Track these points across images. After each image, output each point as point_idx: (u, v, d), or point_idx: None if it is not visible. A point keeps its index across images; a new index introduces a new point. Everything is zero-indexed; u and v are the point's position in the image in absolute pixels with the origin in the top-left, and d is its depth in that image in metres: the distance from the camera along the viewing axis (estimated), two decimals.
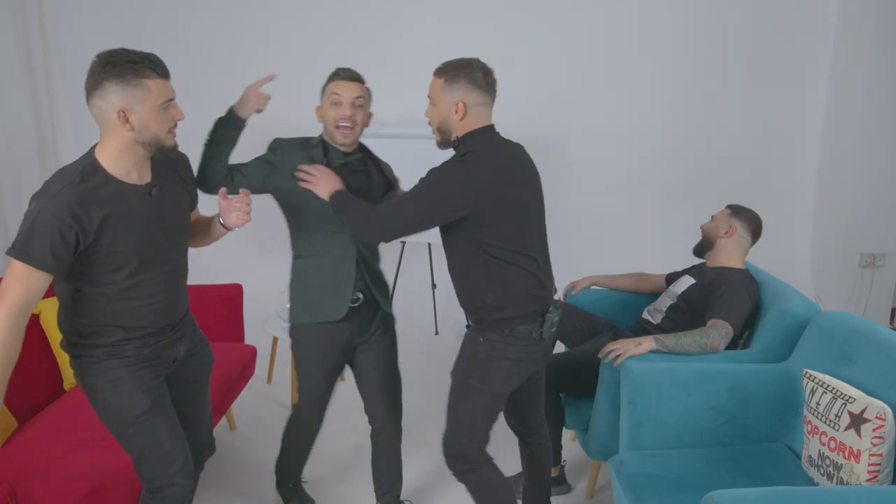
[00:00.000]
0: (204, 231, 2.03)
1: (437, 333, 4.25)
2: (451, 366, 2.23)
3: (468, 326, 2.07)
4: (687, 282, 2.58)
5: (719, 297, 2.37)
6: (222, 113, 2.17)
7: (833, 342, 2.07)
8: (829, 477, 1.85)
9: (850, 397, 1.80)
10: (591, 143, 4.45)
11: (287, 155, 2.10)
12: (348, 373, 2.39)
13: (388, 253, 4.19)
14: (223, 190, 1.91)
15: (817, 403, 1.90)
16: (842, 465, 1.80)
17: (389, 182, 2.28)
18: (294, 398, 3.30)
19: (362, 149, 2.20)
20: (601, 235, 4.49)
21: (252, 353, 3.03)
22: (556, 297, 2.06)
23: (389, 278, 3.93)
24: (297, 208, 2.13)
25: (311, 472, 2.73)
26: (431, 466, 2.84)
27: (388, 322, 2.32)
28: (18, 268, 1.56)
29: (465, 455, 2.04)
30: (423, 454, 2.92)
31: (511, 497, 2.12)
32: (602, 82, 4.37)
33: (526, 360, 1.99)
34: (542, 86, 4.36)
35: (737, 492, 1.60)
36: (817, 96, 4.34)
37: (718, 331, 2.26)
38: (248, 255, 4.52)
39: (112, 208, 1.62)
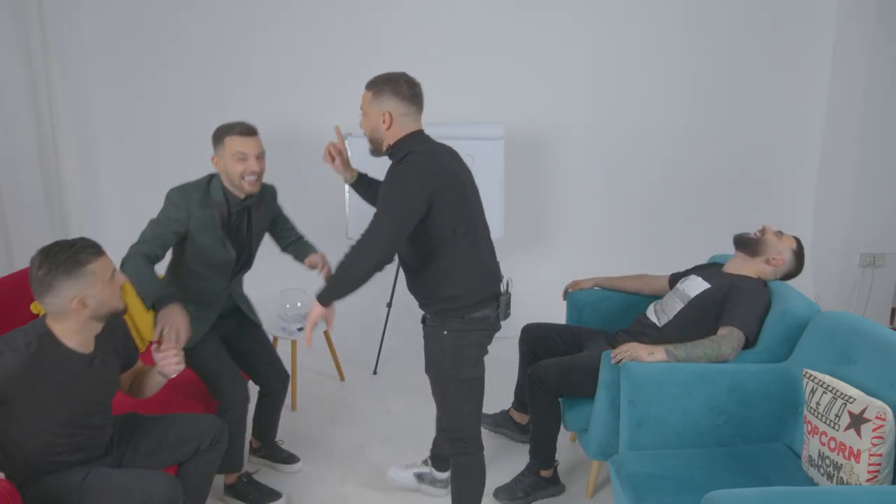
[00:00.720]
0: (145, 383, 2.10)
1: None
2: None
3: (424, 322, 2.16)
4: (700, 285, 2.51)
5: (736, 303, 2.33)
6: (221, 113, 2.25)
7: (833, 342, 2.07)
8: (829, 477, 1.85)
9: (850, 397, 1.80)
10: (590, 143, 4.45)
11: (193, 210, 2.33)
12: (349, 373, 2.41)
13: None
14: (154, 346, 2.04)
15: (817, 403, 1.90)
16: (842, 465, 1.80)
17: (270, 213, 2.65)
18: (294, 396, 3.30)
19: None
20: (601, 235, 4.49)
21: None
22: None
23: (389, 277, 3.95)
24: (198, 252, 2.38)
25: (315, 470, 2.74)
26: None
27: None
28: None
29: (462, 439, 2.16)
30: (423, 452, 2.92)
31: (482, 489, 2.25)
32: (602, 82, 4.37)
33: (488, 343, 2.15)
34: (542, 86, 4.36)
35: (737, 492, 1.60)
36: (817, 96, 4.34)
37: (731, 341, 2.24)
38: None
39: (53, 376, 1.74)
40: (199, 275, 2.42)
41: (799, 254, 2.57)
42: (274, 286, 3.74)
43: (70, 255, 1.69)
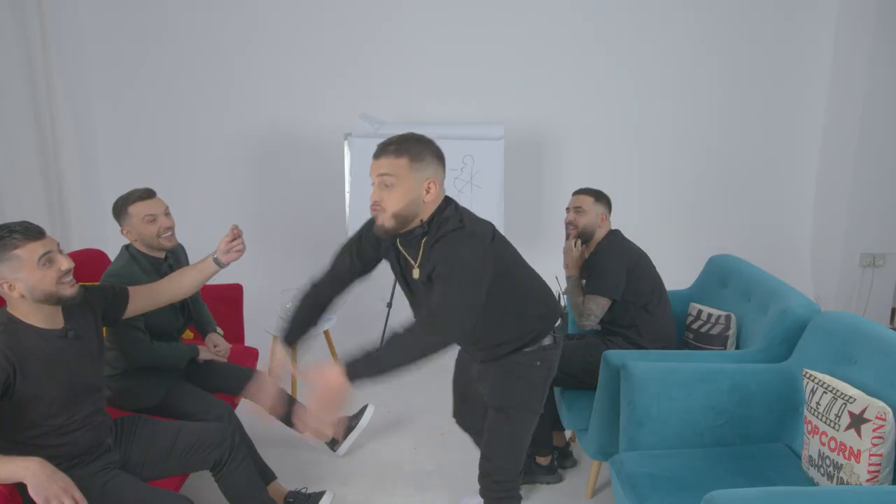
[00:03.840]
0: (196, 275, 2.26)
1: None
2: (451, 365, 2.23)
3: (498, 359, 1.96)
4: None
5: (590, 271, 2.63)
6: (221, 113, 2.21)
7: (833, 342, 2.07)
8: (829, 477, 1.85)
9: (850, 397, 1.80)
10: (590, 143, 4.45)
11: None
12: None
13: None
14: (232, 230, 2.26)
15: (817, 403, 1.90)
16: (842, 465, 1.80)
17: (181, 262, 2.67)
18: (294, 397, 3.30)
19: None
20: None
21: (255, 355, 3.04)
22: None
23: (389, 278, 3.94)
24: (155, 325, 2.43)
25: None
26: (432, 466, 2.84)
27: None
28: None
29: (512, 480, 2.04)
30: (423, 453, 2.92)
31: None
32: (602, 83, 4.37)
33: None
34: (542, 86, 4.36)
35: (737, 492, 1.59)
36: (817, 96, 4.35)
37: (590, 309, 2.54)
38: (248, 255, 4.50)
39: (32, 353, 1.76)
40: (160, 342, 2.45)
41: (596, 196, 2.73)
42: (274, 286, 3.74)
43: None
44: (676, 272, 2.94)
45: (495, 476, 2.03)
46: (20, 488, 1.73)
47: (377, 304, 4.13)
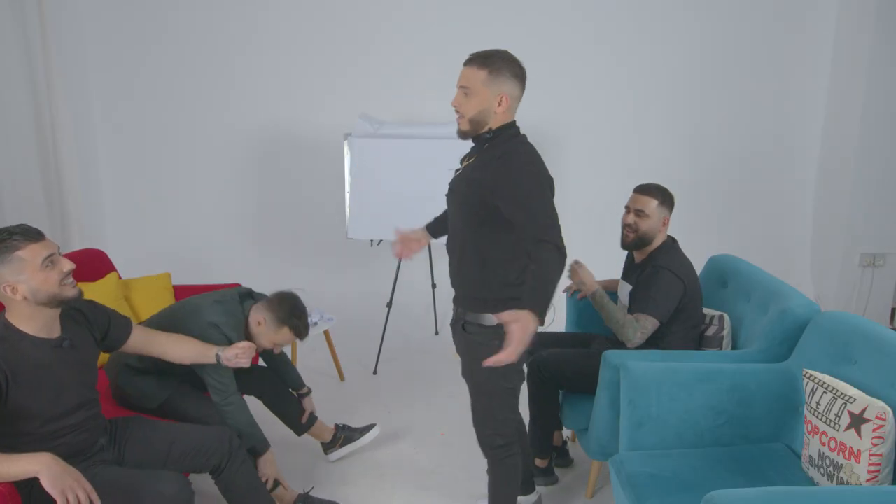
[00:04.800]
0: (193, 351, 2.20)
1: (437, 334, 4.25)
2: (451, 365, 2.23)
3: (465, 329, 2.06)
4: (626, 289, 2.61)
5: (645, 287, 2.45)
6: (221, 113, 2.20)
7: (833, 342, 2.07)
8: (829, 477, 1.85)
9: (850, 397, 1.80)
10: (589, 143, 4.45)
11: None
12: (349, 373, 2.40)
13: (388, 253, 4.20)
14: (249, 347, 2.22)
15: (817, 403, 1.90)
16: (842, 465, 1.80)
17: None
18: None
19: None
20: (600, 235, 4.49)
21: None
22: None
23: (389, 278, 3.95)
24: None
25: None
26: (432, 466, 2.84)
27: None
28: None
29: (507, 444, 2.12)
30: (423, 453, 2.92)
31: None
32: (601, 82, 4.37)
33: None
34: (541, 87, 4.34)
35: (737, 492, 1.59)
36: (817, 96, 4.34)
37: (635, 329, 2.37)
38: (248, 255, 4.52)
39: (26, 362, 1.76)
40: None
41: (662, 198, 2.53)
42: (274, 286, 3.73)
43: (0, 240, 1.71)
44: None
45: (493, 443, 2.12)
46: (20, 488, 1.74)
47: (377, 304, 4.13)
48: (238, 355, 2.17)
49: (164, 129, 4.43)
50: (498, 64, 1.92)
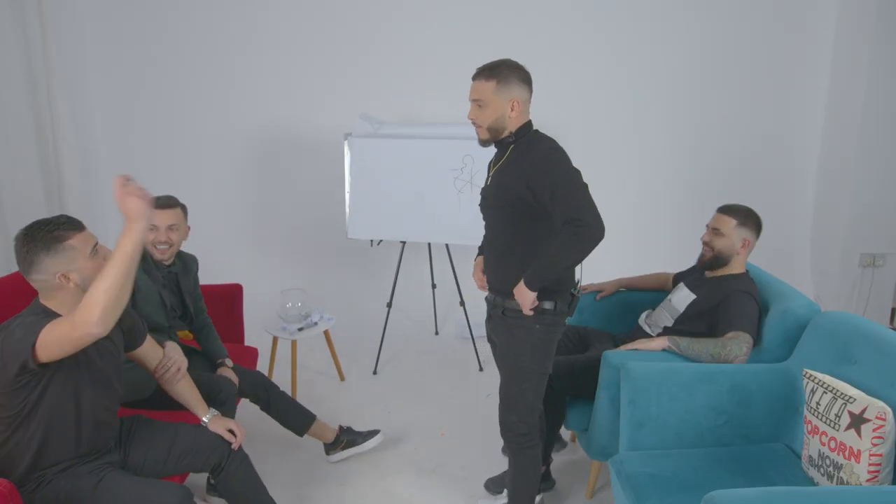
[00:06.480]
0: (182, 396, 2.17)
1: (437, 334, 4.25)
2: (451, 365, 2.23)
3: (504, 314, 2.12)
4: (687, 297, 2.52)
5: (730, 308, 2.32)
6: (221, 113, 2.22)
7: (833, 342, 2.07)
8: (829, 477, 1.85)
9: (850, 397, 1.80)
10: (589, 143, 4.45)
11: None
12: (349, 373, 2.40)
13: (388, 253, 4.21)
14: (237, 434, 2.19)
15: (817, 403, 1.90)
16: (842, 465, 1.80)
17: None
18: (294, 396, 3.30)
19: None
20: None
21: (254, 355, 3.04)
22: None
23: (389, 278, 3.95)
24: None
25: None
26: (432, 466, 2.84)
27: None
28: None
29: (530, 433, 2.18)
30: (423, 453, 2.92)
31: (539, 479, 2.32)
32: (602, 82, 4.37)
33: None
34: (541, 86, 4.35)
35: (737, 492, 1.59)
36: (817, 96, 4.34)
37: (740, 344, 2.23)
38: (248, 255, 4.52)
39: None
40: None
41: (743, 219, 2.47)
42: (274, 286, 3.74)
43: (48, 231, 1.72)
44: (676, 271, 2.94)
45: (517, 430, 2.18)
46: (20, 488, 1.74)
47: (377, 304, 4.13)
48: (226, 431, 2.13)
49: (164, 128, 4.43)
50: (504, 73, 2.07)
